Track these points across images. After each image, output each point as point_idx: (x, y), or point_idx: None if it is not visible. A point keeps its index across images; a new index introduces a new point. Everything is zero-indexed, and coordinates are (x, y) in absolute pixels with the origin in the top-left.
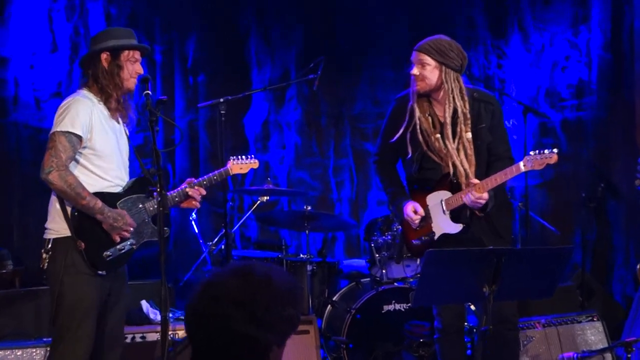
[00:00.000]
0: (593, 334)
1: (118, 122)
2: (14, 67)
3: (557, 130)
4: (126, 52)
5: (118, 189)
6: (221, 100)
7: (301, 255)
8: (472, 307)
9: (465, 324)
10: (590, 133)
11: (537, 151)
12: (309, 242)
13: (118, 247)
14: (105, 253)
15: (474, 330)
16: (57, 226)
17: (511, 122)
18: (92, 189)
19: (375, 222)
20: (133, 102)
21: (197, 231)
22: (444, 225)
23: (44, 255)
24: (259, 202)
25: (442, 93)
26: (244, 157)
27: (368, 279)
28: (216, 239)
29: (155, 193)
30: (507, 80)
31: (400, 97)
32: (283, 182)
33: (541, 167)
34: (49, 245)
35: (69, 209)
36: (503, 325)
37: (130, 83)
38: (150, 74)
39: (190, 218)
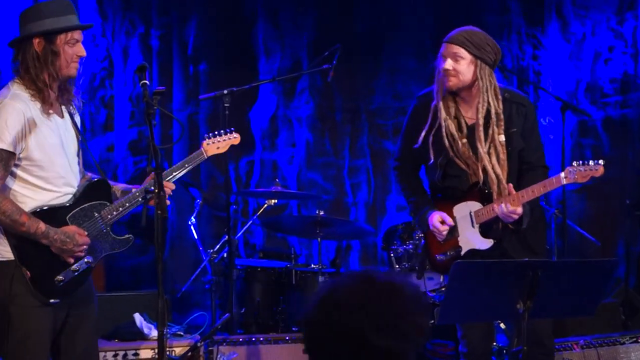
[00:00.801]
0: (638, 357)
1: (62, 115)
2: None
3: (598, 129)
4: (63, 34)
5: (67, 198)
6: (225, 91)
7: (312, 266)
8: (502, 326)
9: (494, 344)
10: (636, 133)
11: (580, 162)
12: (320, 251)
13: (72, 268)
14: (57, 278)
15: (504, 351)
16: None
17: (547, 120)
18: (34, 203)
19: (394, 229)
20: (125, 94)
21: (196, 237)
22: (472, 240)
23: None
24: (265, 205)
25: (473, 91)
26: (221, 132)
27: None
28: (218, 246)
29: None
30: (544, 73)
31: (422, 95)
32: (292, 184)
33: (584, 180)
34: None
35: (10, 231)
36: (537, 348)
37: (71, 69)
38: (146, 62)
39: (189, 223)
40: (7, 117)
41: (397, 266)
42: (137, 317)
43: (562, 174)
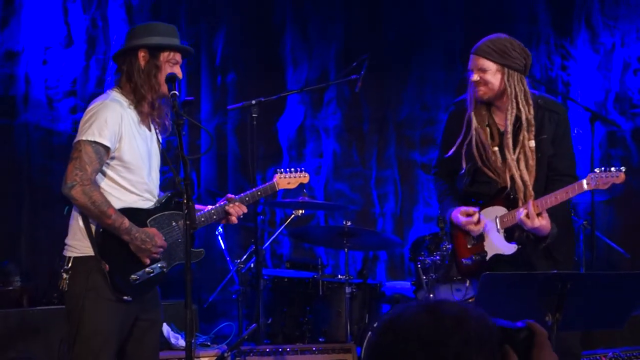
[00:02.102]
0: None
1: (149, 129)
2: (26, 62)
3: (627, 140)
4: (167, 52)
5: (149, 204)
6: (253, 102)
7: (339, 276)
8: None
9: None
10: None
11: (602, 168)
12: (347, 262)
13: (147, 270)
14: (132, 276)
15: None
16: (78, 244)
17: (576, 131)
18: (120, 204)
19: (422, 240)
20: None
21: (223, 247)
22: (498, 244)
23: (64, 275)
24: (292, 216)
25: (504, 99)
26: (292, 170)
27: (417, 301)
28: (245, 256)
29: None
30: (572, 83)
31: (458, 102)
32: (320, 195)
33: (606, 187)
34: (69, 264)
35: (93, 226)
36: (565, 359)
37: (166, 88)
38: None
39: (217, 232)
40: (107, 115)
41: (424, 277)
42: (165, 326)
43: (584, 180)
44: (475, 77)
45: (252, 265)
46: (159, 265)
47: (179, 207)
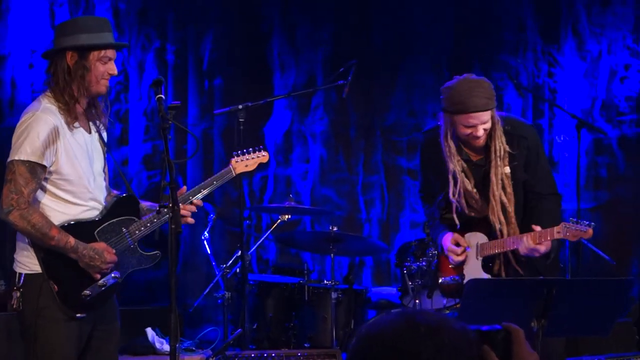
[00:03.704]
0: None
1: (89, 130)
2: (12, 66)
3: (613, 147)
4: (96, 51)
5: (95, 213)
6: (240, 107)
7: (325, 282)
8: None
9: None
10: None
11: (574, 219)
12: (333, 267)
13: (99, 283)
14: (84, 292)
15: None
16: (27, 260)
17: (562, 138)
18: (63, 217)
19: (408, 246)
20: (140, 109)
21: (209, 252)
22: (474, 270)
23: (17, 294)
24: (279, 221)
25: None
26: (249, 150)
27: (399, 309)
28: (231, 262)
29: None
30: (559, 90)
31: (427, 132)
32: (306, 200)
33: (574, 239)
34: (20, 282)
35: (38, 244)
36: None
37: (100, 86)
38: (161, 76)
39: (202, 237)
40: (39, 130)
41: (410, 283)
42: (149, 331)
43: (555, 229)
44: (481, 132)
45: (237, 270)
46: (112, 275)
47: (128, 212)
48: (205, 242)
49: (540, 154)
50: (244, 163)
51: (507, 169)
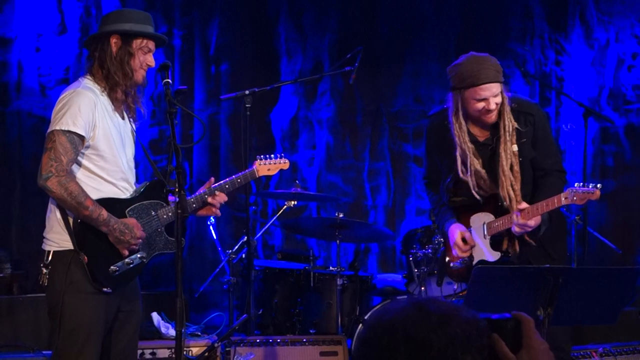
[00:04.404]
0: None
1: (123, 117)
2: (18, 49)
3: (620, 136)
4: (139, 39)
5: (126, 194)
6: (246, 92)
7: (330, 268)
8: None
9: None
10: None
11: (581, 184)
12: (339, 254)
13: (126, 260)
14: (111, 268)
15: None
16: (57, 237)
17: (569, 126)
18: (97, 194)
19: (414, 233)
20: (146, 93)
21: (215, 237)
22: (483, 250)
23: (44, 271)
24: (285, 207)
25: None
26: (272, 156)
27: (404, 296)
28: (236, 247)
29: (171, 196)
30: (566, 78)
31: (433, 116)
32: (312, 186)
33: (582, 202)
34: (49, 259)
35: (70, 218)
36: (555, 353)
37: (139, 75)
38: (168, 61)
39: (208, 223)
40: (81, 103)
41: (416, 270)
42: (155, 316)
43: (562, 195)
44: (494, 105)
45: (243, 255)
46: (138, 255)
47: (157, 196)
48: (211, 228)
49: (546, 131)
50: (267, 167)
51: (515, 147)
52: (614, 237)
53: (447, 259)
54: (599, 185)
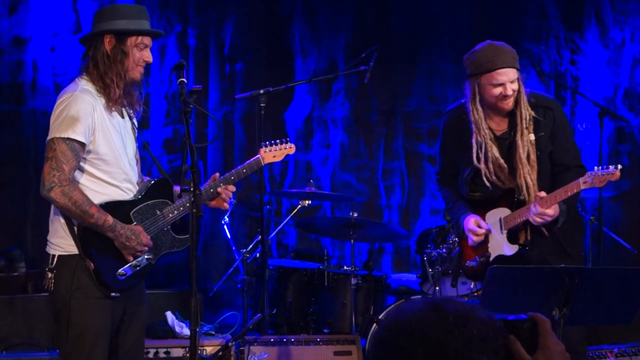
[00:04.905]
0: None
1: (122, 116)
2: (33, 49)
3: (635, 135)
4: (134, 37)
5: (129, 195)
6: (261, 91)
7: (345, 268)
8: None
9: None
10: None
11: (600, 167)
12: (353, 253)
13: (133, 264)
14: (119, 272)
15: None
16: (62, 241)
17: (584, 126)
18: (101, 198)
19: (428, 232)
20: (161, 93)
21: (229, 237)
22: (500, 245)
23: (49, 275)
24: (299, 206)
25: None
26: (277, 141)
27: (419, 296)
28: (251, 246)
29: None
30: (582, 78)
31: (451, 111)
32: (326, 185)
33: (602, 184)
34: (54, 263)
35: (75, 223)
36: (570, 354)
37: (136, 72)
38: (183, 60)
39: (223, 222)
40: (78, 108)
41: (430, 270)
42: (169, 315)
43: (581, 179)
44: (510, 90)
45: (257, 255)
46: (145, 257)
47: (162, 195)
48: (225, 227)
49: (565, 126)
50: (272, 154)
51: (532, 136)
52: (630, 237)
53: (464, 258)
54: (619, 166)
